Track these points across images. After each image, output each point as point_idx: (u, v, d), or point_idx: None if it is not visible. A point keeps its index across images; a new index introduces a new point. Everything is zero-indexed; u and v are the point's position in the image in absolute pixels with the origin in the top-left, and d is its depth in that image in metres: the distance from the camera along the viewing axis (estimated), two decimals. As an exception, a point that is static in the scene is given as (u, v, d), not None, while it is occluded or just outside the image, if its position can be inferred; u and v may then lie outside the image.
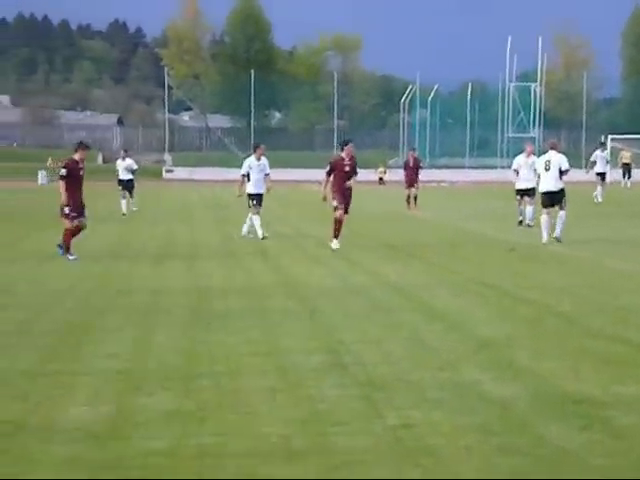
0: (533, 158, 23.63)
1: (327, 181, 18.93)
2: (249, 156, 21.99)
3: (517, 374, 7.89)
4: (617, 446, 5.91)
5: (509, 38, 77.70)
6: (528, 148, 24.50)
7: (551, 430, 6.23)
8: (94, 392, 7.31)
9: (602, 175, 38.45)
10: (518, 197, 24.08)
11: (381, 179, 62.29)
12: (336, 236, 18.72)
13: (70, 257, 16.67)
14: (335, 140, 73.85)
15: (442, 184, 57.35)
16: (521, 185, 23.75)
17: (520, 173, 23.86)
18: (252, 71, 78.27)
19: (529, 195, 23.58)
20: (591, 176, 39.29)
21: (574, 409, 6.75)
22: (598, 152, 39.59)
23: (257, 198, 21.38)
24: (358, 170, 18.99)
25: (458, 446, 5.91)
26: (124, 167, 30.83)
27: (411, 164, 32.89)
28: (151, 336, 9.67)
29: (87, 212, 17.40)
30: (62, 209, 16.89)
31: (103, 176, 58.08)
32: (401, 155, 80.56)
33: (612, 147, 61.14)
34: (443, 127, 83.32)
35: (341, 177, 18.67)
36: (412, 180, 32.28)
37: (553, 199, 19.56)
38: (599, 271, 15.30)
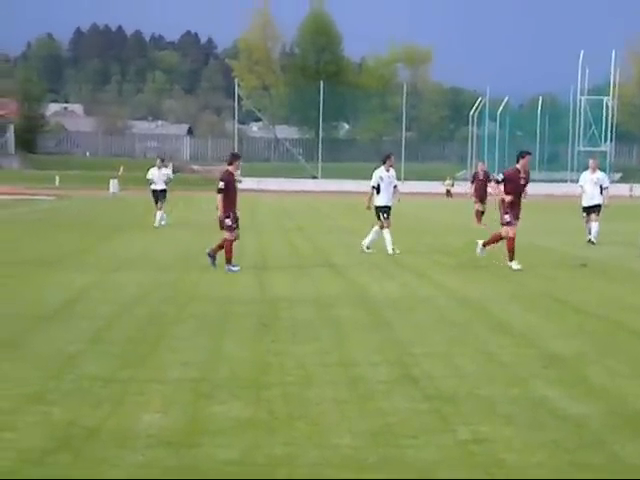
0: (599, 174, 23.35)
1: (499, 189, 17.60)
2: (377, 167, 20.87)
3: (589, 391, 7.80)
4: (693, 466, 5.81)
5: (581, 52, 76.94)
6: (592, 164, 24.13)
7: (626, 448, 6.15)
8: (167, 399, 7.41)
9: None
10: (584, 214, 23.71)
11: (448, 191, 62.02)
12: (512, 258, 17.42)
13: (233, 268, 16.56)
14: (403, 151, 73.74)
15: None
16: (586, 202, 23.43)
17: (585, 189, 23.56)
18: (321, 82, 78.58)
19: (595, 212, 23.22)
20: None
21: (649, 428, 6.66)
22: None
23: (387, 211, 20.47)
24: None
25: (530, 462, 5.86)
26: (159, 176, 29.09)
27: (481, 177, 31.22)
28: (222, 345, 9.76)
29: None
30: (222, 221, 16.87)
31: (174, 185, 58.83)
32: (469, 168, 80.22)
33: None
34: (512, 140, 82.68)
35: (516, 191, 17.41)
36: (482, 194, 30.67)
37: None
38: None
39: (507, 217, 17.49)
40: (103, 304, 12.54)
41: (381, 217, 20.35)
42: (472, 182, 32.24)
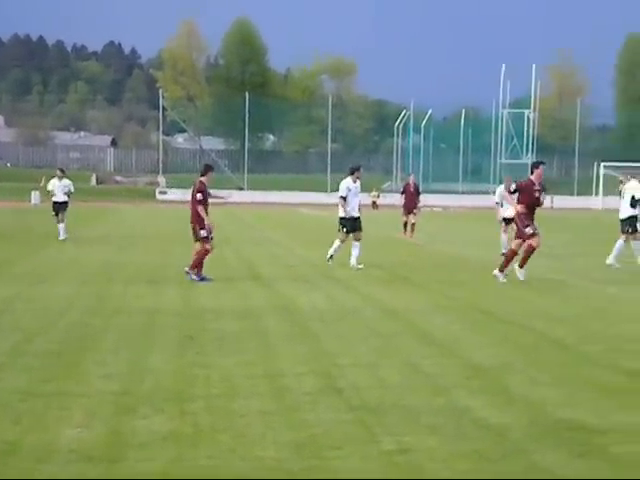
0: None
1: (511, 198, 17.92)
2: (344, 178, 20.39)
3: (512, 401, 7.90)
4: (614, 474, 5.91)
5: (503, 66, 78.21)
6: (506, 181, 24.16)
7: (547, 457, 6.24)
8: (89, 413, 7.30)
9: None
10: (503, 224, 23.86)
11: (374, 203, 62.41)
12: (522, 265, 17.43)
13: (200, 278, 16.82)
14: (329, 163, 74.04)
15: (435, 209, 57.50)
16: (505, 213, 23.66)
17: (503, 203, 23.84)
18: (247, 94, 78.55)
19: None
20: None
21: (570, 436, 6.76)
22: None
23: (354, 222, 19.97)
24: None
25: (454, 471, 5.91)
26: (60, 188, 27.71)
27: (412, 189, 30.91)
28: (146, 357, 9.66)
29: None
30: (199, 232, 17.07)
31: (98, 197, 58.01)
32: (394, 179, 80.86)
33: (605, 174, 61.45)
34: (436, 152, 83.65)
35: (529, 201, 17.32)
36: (411, 206, 30.38)
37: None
38: (597, 299, 15.31)
39: (529, 229, 17.34)
40: (25, 316, 12.32)
41: (341, 230, 20.04)
42: (402, 193, 31.71)
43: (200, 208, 17.07)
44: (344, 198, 19.93)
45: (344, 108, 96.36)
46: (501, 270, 17.53)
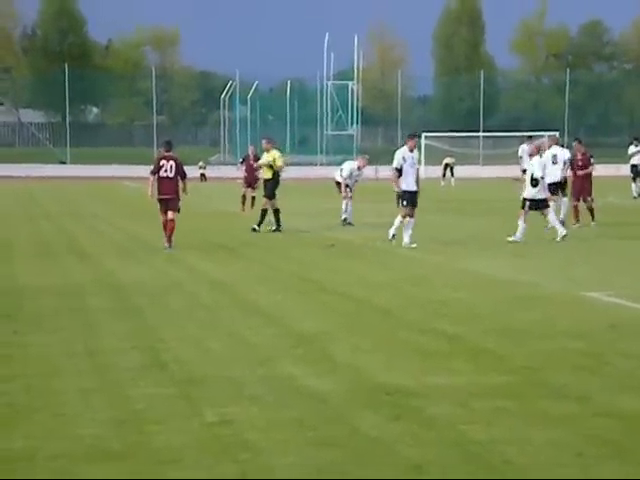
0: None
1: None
2: (399, 148, 18.88)
3: (334, 368, 8.03)
4: (427, 435, 6.10)
5: (326, 36, 78.90)
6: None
7: (365, 421, 6.38)
8: None
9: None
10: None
11: (203, 175, 62.01)
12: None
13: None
14: (155, 136, 72.99)
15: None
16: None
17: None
18: (66, 65, 76.30)
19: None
20: None
21: (387, 400, 6.93)
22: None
23: (412, 197, 18.37)
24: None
25: (274, 440, 5.96)
26: None
27: (251, 160, 28.27)
28: (-41, 339, 9.30)
29: None
30: (177, 204, 18.10)
31: None
32: (223, 152, 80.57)
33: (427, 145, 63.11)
34: (264, 124, 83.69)
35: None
36: (249, 179, 28.15)
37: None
38: (420, 266, 15.70)
39: None
40: None
41: (400, 203, 18.42)
42: (241, 163, 30.04)
43: (186, 181, 18.22)
44: (399, 170, 18.27)
45: (169, 80, 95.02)
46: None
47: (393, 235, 18.60)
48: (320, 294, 12.48)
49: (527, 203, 18.90)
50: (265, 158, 22.66)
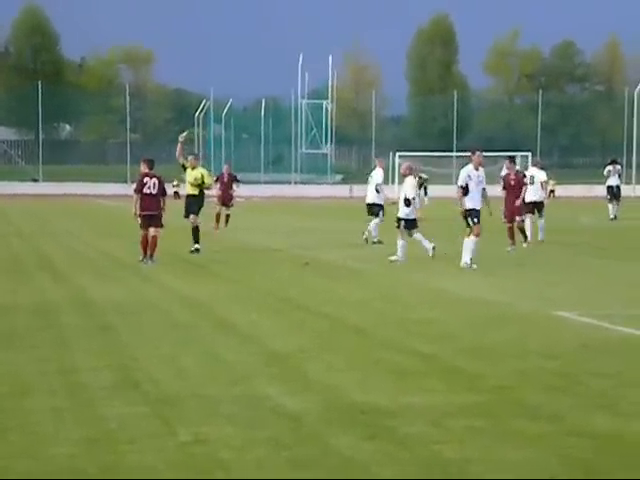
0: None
1: None
2: (465, 165, 18.60)
3: (308, 387, 8.02)
4: (401, 454, 6.10)
5: (300, 55, 79.15)
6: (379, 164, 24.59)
7: (340, 441, 6.37)
8: None
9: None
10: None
11: (176, 193, 61.88)
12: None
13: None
14: (128, 154, 72.83)
15: (238, 199, 57.54)
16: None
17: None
18: (39, 82, 76.06)
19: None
20: None
21: (362, 419, 6.93)
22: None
23: (477, 215, 17.88)
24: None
25: (249, 459, 5.94)
26: None
27: (225, 179, 29.50)
28: None
29: None
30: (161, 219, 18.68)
31: None
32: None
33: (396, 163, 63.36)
34: (238, 142, 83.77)
35: None
36: (226, 198, 28.92)
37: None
38: (394, 285, 15.72)
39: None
40: None
41: (471, 221, 17.89)
42: (216, 182, 29.39)
43: (164, 199, 18.65)
44: (464, 188, 17.91)
45: (143, 98, 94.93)
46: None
47: (470, 260, 17.67)
48: (295, 312, 12.48)
49: (402, 222, 19.25)
50: (192, 175, 21.32)
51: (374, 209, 23.37)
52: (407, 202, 19.15)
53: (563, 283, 15.82)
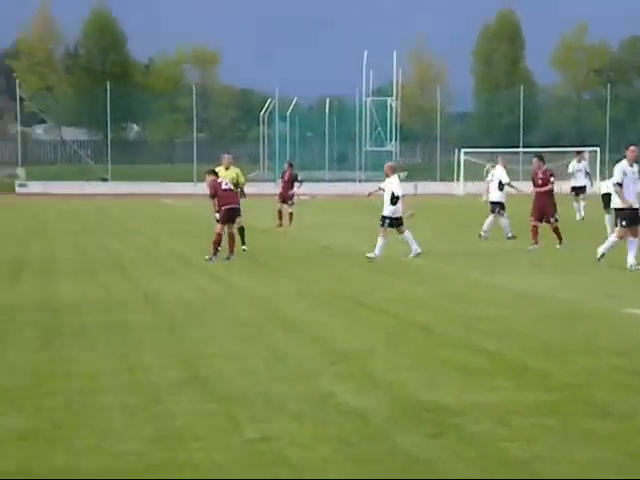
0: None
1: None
2: (619, 161, 17.59)
3: (374, 385, 8.01)
4: (468, 452, 6.06)
5: (365, 53, 79.01)
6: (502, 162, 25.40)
7: (405, 439, 6.35)
8: (-59, 414, 7.05)
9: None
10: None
11: (242, 191, 62.29)
12: None
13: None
14: (195, 153, 73.46)
15: (302, 197, 57.71)
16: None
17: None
18: (108, 83, 77.12)
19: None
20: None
21: (428, 417, 6.90)
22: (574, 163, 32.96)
23: (631, 215, 16.94)
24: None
25: (315, 457, 5.95)
26: None
27: (286, 177, 29.92)
28: (3, 355, 9.39)
29: None
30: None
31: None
32: (262, 168, 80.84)
33: (466, 160, 62.94)
34: (302, 141, 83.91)
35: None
36: (284, 195, 29.24)
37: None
38: (453, 282, 15.65)
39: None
40: None
41: (619, 224, 17.13)
42: (281, 179, 30.77)
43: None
44: (620, 185, 17.07)
45: (209, 97, 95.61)
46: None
47: (602, 254, 17.26)
48: (359, 310, 12.47)
49: (386, 221, 19.34)
50: (228, 175, 20.81)
51: (495, 207, 24.09)
52: (394, 200, 19.31)
53: (633, 280, 15.56)
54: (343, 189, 68.68)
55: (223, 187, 19.36)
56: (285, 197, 29.46)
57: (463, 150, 63.56)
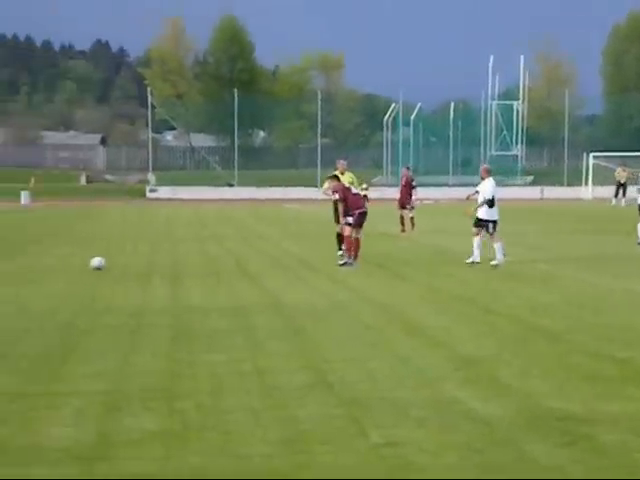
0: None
1: None
2: None
3: (500, 392, 7.91)
4: (600, 463, 5.93)
5: (491, 57, 78.17)
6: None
7: (534, 447, 6.25)
8: (77, 413, 7.29)
9: None
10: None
11: (365, 196, 62.46)
12: None
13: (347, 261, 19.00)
14: (319, 158, 74.00)
15: (426, 202, 57.47)
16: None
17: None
18: (235, 90, 78.46)
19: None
20: None
21: (558, 426, 6.78)
22: None
23: None
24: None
25: (441, 464, 5.92)
26: None
27: (403, 182, 30.06)
28: (135, 356, 9.64)
29: None
30: None
31: (87, 196, 57.93)
32: (385, 173, 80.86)
33: (595, 165, 61.55)
34: (426, 145, 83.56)
35: None
36: (403, 200, 29.35)
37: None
38: (580, 288, 15.33)
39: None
40: (12, 318, 12.28)
41: None
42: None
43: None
44: None
45: (333, 103, 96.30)
46: None
47: None
48: (484, 315, 12.33)
49: (490, 225, 19.16)
50: (344, 180, 20.44)
51: None
52: (490, 203, 19.23)
53: None
54: (466, 194, 67.93)
55: (353, 191, 19.60)
56: (403, 202, 29.46)
57: (592, 154, 62.15)
